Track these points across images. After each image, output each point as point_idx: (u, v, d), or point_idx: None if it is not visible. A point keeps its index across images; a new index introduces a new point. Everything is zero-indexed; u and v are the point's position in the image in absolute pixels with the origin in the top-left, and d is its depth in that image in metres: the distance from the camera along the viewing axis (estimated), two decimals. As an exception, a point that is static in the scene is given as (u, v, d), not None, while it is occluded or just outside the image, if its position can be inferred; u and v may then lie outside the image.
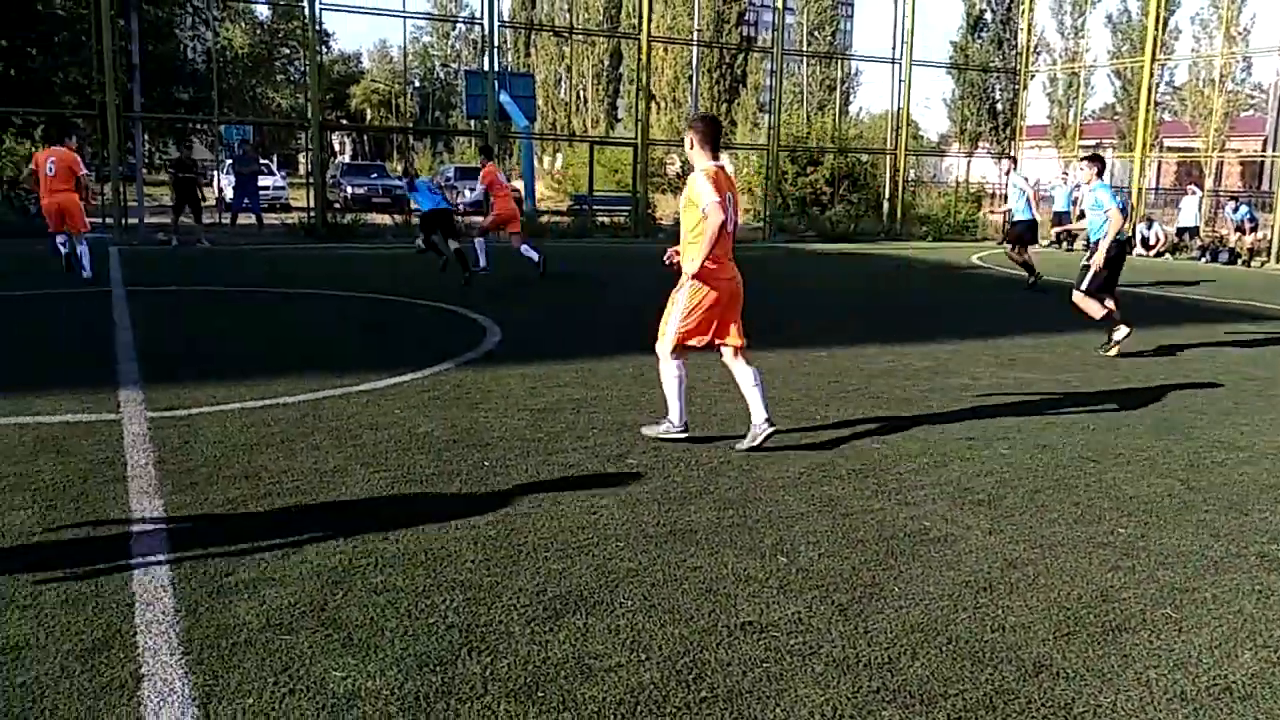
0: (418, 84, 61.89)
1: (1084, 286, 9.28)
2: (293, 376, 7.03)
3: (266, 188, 26.59)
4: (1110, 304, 9.33)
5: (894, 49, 26.81)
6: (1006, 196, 15.31)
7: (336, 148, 58.95)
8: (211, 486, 4.64)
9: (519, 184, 30.60)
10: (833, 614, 3.52)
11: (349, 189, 29.73)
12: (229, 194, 23.52)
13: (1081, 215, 10.54)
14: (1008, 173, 15.27)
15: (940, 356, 8.70)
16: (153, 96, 21.84)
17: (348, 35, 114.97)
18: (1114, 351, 9.08)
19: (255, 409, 6.10)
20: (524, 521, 4.33)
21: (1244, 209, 23.22)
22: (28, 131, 23.32)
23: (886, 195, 27.99)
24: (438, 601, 3.51)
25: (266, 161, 32.54)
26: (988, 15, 40.54)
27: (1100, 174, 9.55)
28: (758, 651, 3.22)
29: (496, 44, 23.24)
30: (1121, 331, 9.13)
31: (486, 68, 23.08)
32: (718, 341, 5.75)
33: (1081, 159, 10.04)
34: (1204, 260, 22.24)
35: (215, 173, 29.31)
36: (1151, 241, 23.34)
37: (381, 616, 3.37)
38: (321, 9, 20.69)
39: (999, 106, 39.31)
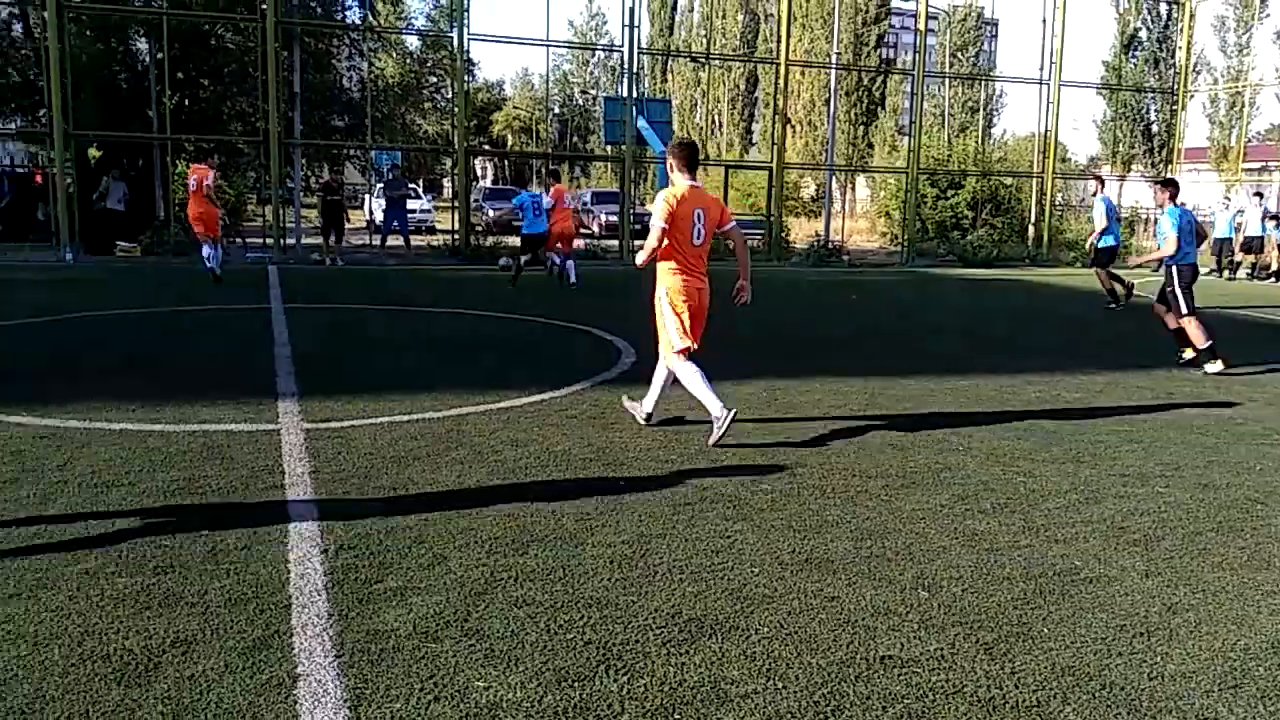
0: (557, 110, 63.40)
1: (1184, 311, 9.49)
2: (438, 392, 7.28)
3: (414, 211, 27.67)
4: (1173, 322, 9.74)
5: (1042, 69, 26.00)
6: (1092, 216, 15.69)
7: (479, 172, 60.85)
8: (363, 496, 4.84)
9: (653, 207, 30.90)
10: (977, 652, 3.40)
11: (490, 212, 30.67)
12: (379, 217, 24.57)
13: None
14: (1094, 194, 15.32)
15: (1092, 388, 8.33)
16: (311, 124, 23.05)
17: (491, 63, 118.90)
18: (1188, 355, 9.57)
19: (403, 423, 6.34)
20: (658, 542, 4.36)
21: None
22: (199, 158, 24.95)
23: (1032, 220, 27.08)
24: (575, 618, 3.56)
25: (414, 186, 33.90)
26: (1143, 34, 38.83)
27: (1173, 198, 9.70)
28: (898, 687, 3.14)
29: (635, 70, 23.61)
30: (1190, 354, 9.60)
31: (625, 94, 23.46)
32: (694, 344, 6.30)
33: (1154, 182, 10.50)
34: (1385, 290, 20.62)
35: (367, 197, 30.70)
36: (1324, 269, 21.82)
37: (521, 629, 3.44)
38: (470, 39, 21.47)
39: (1154, 128, 37.54)
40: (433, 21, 27.82)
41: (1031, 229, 26.98)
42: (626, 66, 23.28)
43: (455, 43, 21.93)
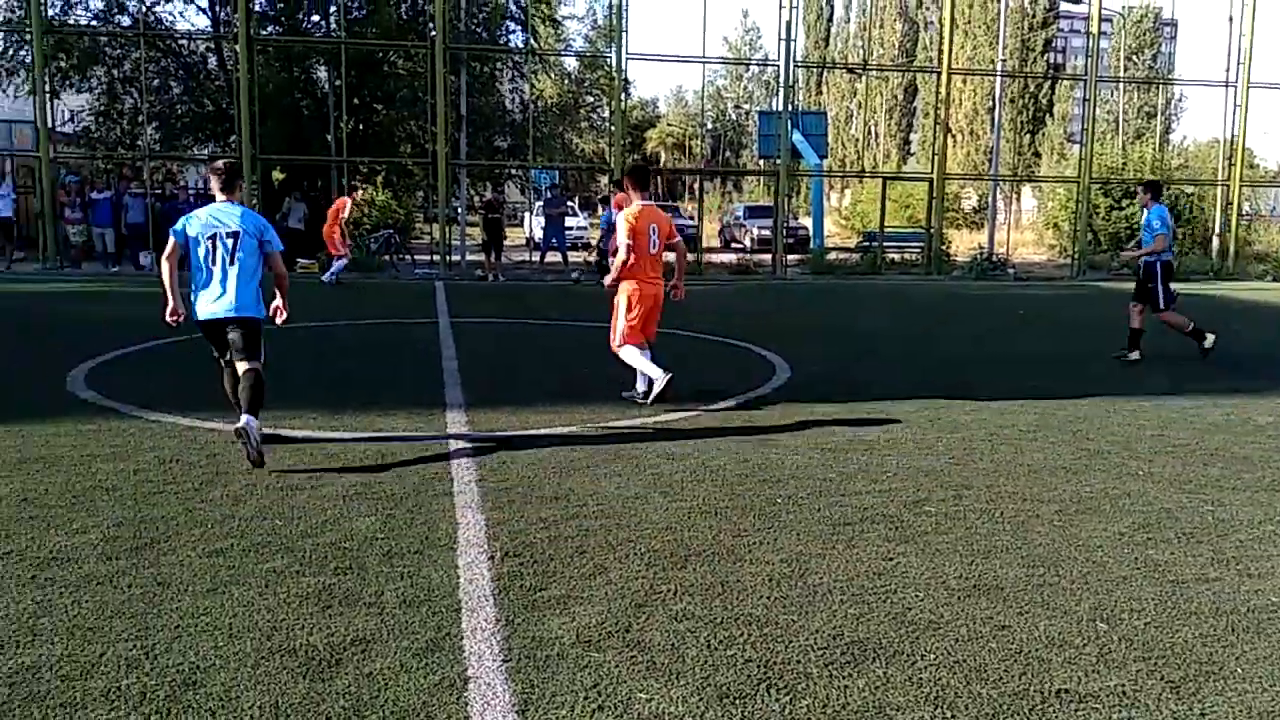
0: (710, 125, 63.65)
1: (1161, 306, 10.21)
2: (596, 405, 7.42)
3: (571, 228, 28.31)
4: (1139, 322, 10.25)
5: (1228, 71, 24.38)
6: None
7: (632, 188, 61.59)
8: (526, 505, 4.98)
9: (807, 220, 30.62)
10: (1162, 690, 3.21)
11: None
12: (538, 234, 25.25)
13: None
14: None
15: (1286, 411, 7.73)
16: (476, 145, 23.93)
17: (645, 82, 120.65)
18: (1134, 356, 10.11)
19: (563, 434, 6.49)
20: (818, 562, 4.30)
21: None
22: (371, 178, 26.29)
23: (1216, 230, 25.40)
24: (735, 634, 3.55)
25: (571, 204, 34.68)
26: (1346, 27, 35.86)
27: (1155, 198, 10.41)
28: (1076, 722, 2.99)
29: (790, 84, 23.47)
30: (1135, 355, 10.17)
31: (780, 108, 23.36)
32: (641, 340, 7.53)
33: (1139, 184, 11.30)
34: None
35: (526, 215, 31.60)
36: None
37: (682, 643, 3.46)
38: (627, 58, 21.85)
39: (1358, 129, 34.54)
40: (590, 42, 28.48)
41: (1216, 240, 25.32)
42: (782, 80, 23.18)
43: (613, 62, 22.36)
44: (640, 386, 7.60)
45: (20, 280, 17.89)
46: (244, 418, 5.57)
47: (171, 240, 5.95)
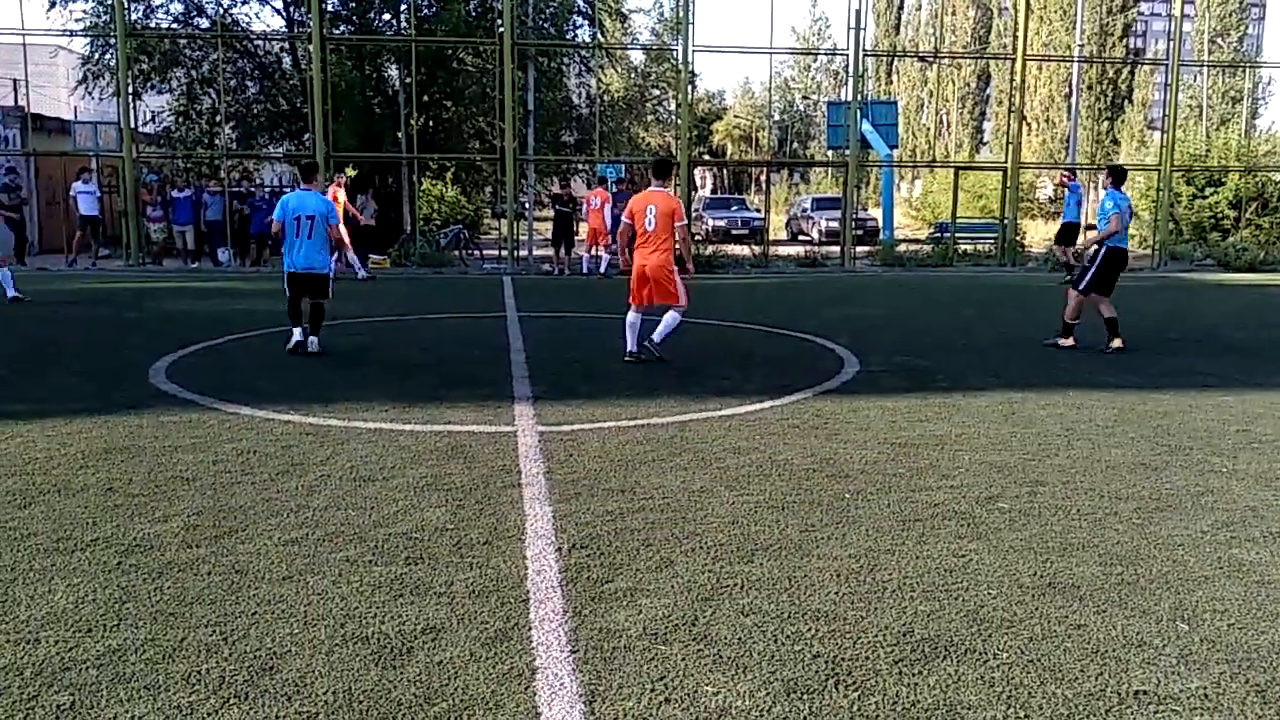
0: (777, 117, 63.15)
1: (1082, 287, 10.10)
2: (661, 399, 7.42)
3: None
4: (1109, 310, 10.10)
5: (1321, 52, 23.39)
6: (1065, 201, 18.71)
7: (698, 182, 61.55)
8: (593, 497, 5.01)
9: (876, 212, 30.22)
10: (1247, 694, 3.10)
11: (710, 221, 30.93)
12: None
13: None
14: (1063, 184, 18.71)
15: (1382, 407, 7.41)
16: (543, 140, 24.06)
17: (712, 74, 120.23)
18: (1068, 342, 10.12)
19: (629, 427, 6.51)
20: (887, 558, 4.24)
21: None
22: (440, 175, 26.63)
23: (1307, 219, 24.41)
24: (802, 629, 3.52)
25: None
26: None
27: (1115, 184, 10.20)
28: (1155, 725, 2.91)
29: (859, 73, 23.15)
30: (1069, 341, 10.15)
31: (849, 98, 23.06)
32: (635, 302, 8.95)
33: (1105, 168, 11.33)
34: None
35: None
36: None
37: (749, 637, 3.45)
38: (694, 51, 21.76)
39: None
40: (657, 35, 28.43)
41: (1307, 229, 24.34)
42: (851, 70, 22.86)
43: (680, 55, 22.29)
44: (629, 347, 8.97)
45: (105, 277, 18.52)
46: (312, 339, 9.22)
47: (275, 223, 9.30)
